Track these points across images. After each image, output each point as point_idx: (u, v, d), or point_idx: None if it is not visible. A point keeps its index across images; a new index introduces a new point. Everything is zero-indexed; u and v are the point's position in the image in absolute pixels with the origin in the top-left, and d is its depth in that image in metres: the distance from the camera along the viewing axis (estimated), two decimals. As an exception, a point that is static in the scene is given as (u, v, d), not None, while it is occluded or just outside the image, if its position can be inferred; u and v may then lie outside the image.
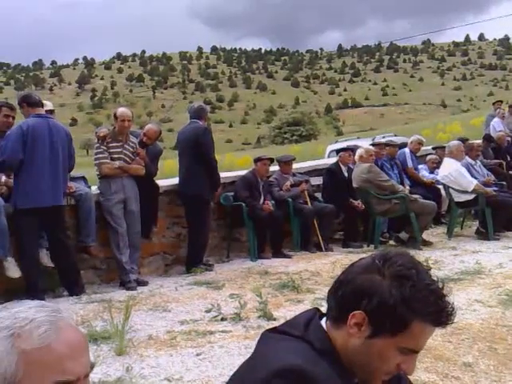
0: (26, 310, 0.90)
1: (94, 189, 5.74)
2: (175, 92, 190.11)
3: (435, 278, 1.24)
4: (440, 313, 1.20)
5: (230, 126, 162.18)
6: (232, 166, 18.12)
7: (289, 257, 6.61)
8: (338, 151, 8.24)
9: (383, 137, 17.75)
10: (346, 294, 1.25)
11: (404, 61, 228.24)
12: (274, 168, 7.47)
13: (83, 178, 5.81)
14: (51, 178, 4.81)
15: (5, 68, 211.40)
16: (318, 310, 1.36)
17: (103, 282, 5.65)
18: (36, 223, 4.80)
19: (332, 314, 1.28)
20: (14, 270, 4.69)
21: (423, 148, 9.16)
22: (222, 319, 4.10)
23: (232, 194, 6.86)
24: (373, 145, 8.23)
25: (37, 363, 0.87)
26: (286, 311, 4.31)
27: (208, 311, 4.22)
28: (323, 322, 1.30)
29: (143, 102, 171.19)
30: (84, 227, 5.37)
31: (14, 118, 5.02)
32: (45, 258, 5.04)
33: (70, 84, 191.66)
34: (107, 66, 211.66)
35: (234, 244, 6.98)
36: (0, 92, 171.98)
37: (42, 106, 4.99)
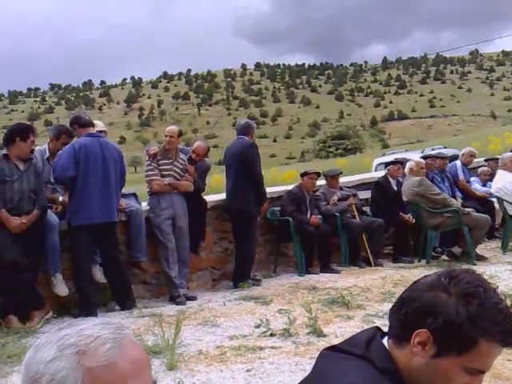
0: (91, 327, 0.90)
1: (144, 205, 5.84)
2: (220, 109, 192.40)
3: (503, 297, 1.19)
4: (508, 332, 1.15)
5: (274, 140, 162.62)
6: (276, 181, 18.09)
7: (337, 272, 6.53)
8: (386, 164, 8.12)
9: (432, 149, 17.36)
10: (410, 312, 1.21)
11: (451, 72, 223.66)
12: (321, 182, 7.43)
13: (134, 195, 5.93)
14: (104, 195, 4.93)
15: (56, 89, 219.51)
16: (378, 328, 1.33)
17: (153, 297, 5.73)
18: (89, 239, 4.92)
19: (394, 332, 1.25)
20: (61, 288, 4.81)
21: (475, 160, 8.91)
22: (271, 335, 4.07)
23: (279, 208, 6.86)
24: (424, 157, 8.06)
25: (101, 380, 0.86)
26: (337, 328, 4.25)
27: (257, 326, 4.21)
28: (385, 340, 1.27)
29: (189, 119, 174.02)
30: (135, 243, 5.47)
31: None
32: (98, 274, 5.15)
33: (118, 103, 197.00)
34: (154, 85, 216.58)
35: (280, 259, 6.96)
36: (51, 112, 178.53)
37: (93, 125, 5.14)
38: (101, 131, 5.32)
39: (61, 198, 5.14)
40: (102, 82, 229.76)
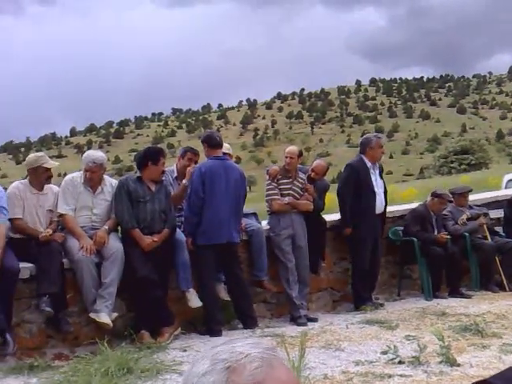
0: (243, 345, 0.91)
1: (264, 224, 5.91)
2: (333, 126, 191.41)
3: None
4: None
5: (391, 157, 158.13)
6: (394, 199, 17.48)
7: (468, 297, 6.14)
8: (519, 181, 7.52)
9: None
10: None
11: None
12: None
13: (254, 214, 6.02)
14: (227, 216, 5.07)
15: (178, 113, 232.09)
16: None
17: (274, 316, 5.74)
18: (214, 258, 5.07)
19: None
20: (195, 301, 4.96)
21: None
22: (400, 362, 3.88)
23: (402, 228, 6.59)
24: None
25: None
26: (471, 357, 3.97)
27: (384, 353, 4.02)
28: None
29: (302, 137, 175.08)
30: (257, 262, 5.53)
31: (196, 162, 5.39)
32: (222, 292, 5.27)
33: (234, 125, 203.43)
34: (268, 105, 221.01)
35: (404, 281, 6.67)
36: (173, 135, 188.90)
37: (221, 147, 5.30)
38: (224, 153, 5.48)
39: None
40: (220, 105, 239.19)
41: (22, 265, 4.41)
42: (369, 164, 6.00)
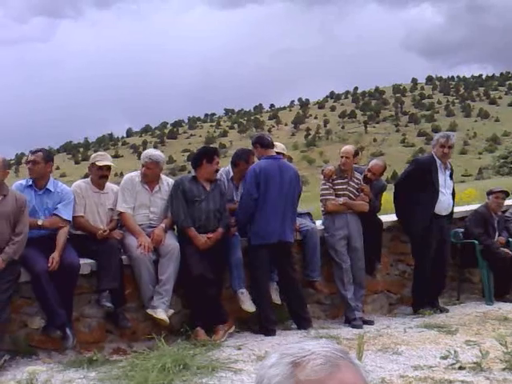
0: (313, 344, 0.94)
1: (319, 224, 5.85)
2: (388, 125, 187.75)
3: None
4: None
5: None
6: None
7: (531, 302, 5.85)
8: None
9: None
10: None
11: None
12: (510, 202, 6.76)
13: (309, 214, 5.97)
14: (281, 216, 5.05)
15: (230, 113, 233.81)
16: None
17: (328, 318, 5.67)
18: (267, 258, 5.06)
19: None
20: (249, 304, 4.94)
21: None
22: (460, 368, 3.75)
23: (462, 230, 6.37)
24: None
25: None
26: (536, 365, 3.76)
27: (444, 358, 3.90)
28: None
29: (355, 137, 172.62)
30: (310, 262, 5.48)
31: (252, 162, 5.36)
32: (274, 293, 5.23)
33: (286, 125, 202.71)
34: (321, 105, 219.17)
35: (464, 285, 6.44)
36: (225, 135, 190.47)
37: (273, 146, 5.31)
38: (279, 153, 5.47)
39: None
40: (272, 106, 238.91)
41: (83, 261, 4.54)
42: (438, 162, 5.78)
